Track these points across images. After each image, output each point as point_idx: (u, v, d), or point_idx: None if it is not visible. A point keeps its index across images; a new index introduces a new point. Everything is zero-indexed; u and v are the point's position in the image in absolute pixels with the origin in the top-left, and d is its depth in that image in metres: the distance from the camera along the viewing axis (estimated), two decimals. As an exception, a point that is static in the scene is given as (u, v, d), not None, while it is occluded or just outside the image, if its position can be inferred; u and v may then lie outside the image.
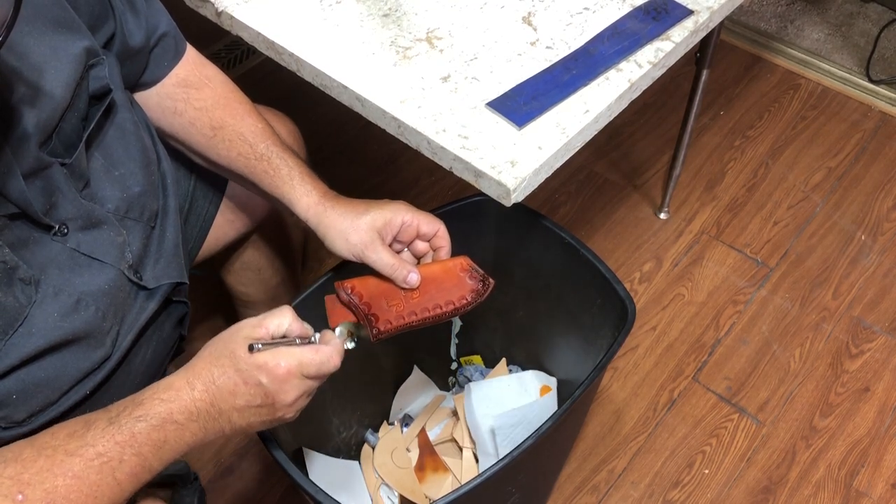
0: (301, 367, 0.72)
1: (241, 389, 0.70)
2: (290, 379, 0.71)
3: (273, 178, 0.91)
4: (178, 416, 0.69)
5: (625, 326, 0.98)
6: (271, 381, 0.70)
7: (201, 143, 0.93)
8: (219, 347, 0.72)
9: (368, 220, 0.87)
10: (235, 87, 0.96)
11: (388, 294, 0.90)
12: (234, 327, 0.74)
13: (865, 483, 1.38)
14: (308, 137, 1.20)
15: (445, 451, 1.28)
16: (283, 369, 0.70)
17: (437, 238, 0.91)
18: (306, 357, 0.72)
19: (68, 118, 0.75)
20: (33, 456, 0.65)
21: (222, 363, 0.71)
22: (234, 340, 0.72)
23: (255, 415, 0.72)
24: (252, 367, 0.70)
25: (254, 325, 0.73)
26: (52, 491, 0.63)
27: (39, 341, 0.72)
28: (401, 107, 0.98)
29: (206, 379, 0.70)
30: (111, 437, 0.66)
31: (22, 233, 0.72)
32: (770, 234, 1.73)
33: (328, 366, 0.74)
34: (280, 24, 1.07)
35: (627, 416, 1.46)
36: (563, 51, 1.04)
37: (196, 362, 0.72)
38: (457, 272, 0.91)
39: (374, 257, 0.87)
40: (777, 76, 2.06)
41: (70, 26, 0.76)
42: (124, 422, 0.67)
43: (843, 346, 1.55)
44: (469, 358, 1.36)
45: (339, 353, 0.76)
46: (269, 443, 0.89)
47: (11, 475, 0.63)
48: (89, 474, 0.65)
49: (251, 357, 0.70)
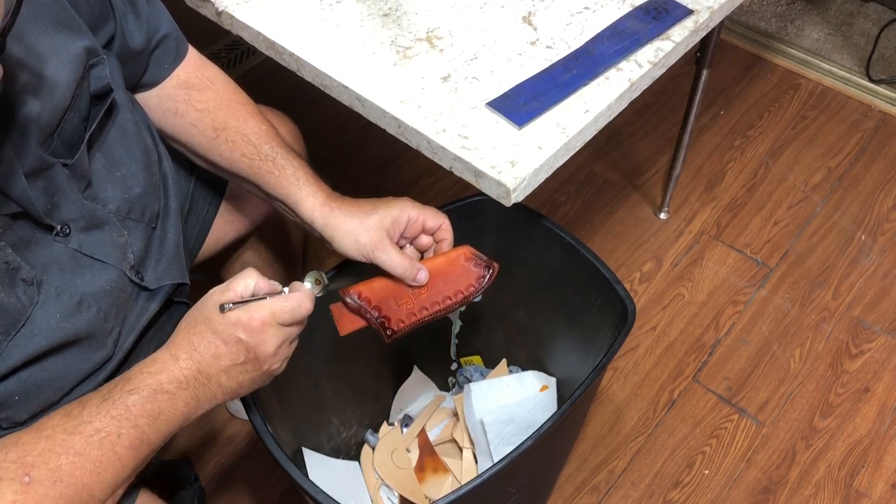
0: (274, 316, 0.74)
1: (222, 350, 0.72)
2: (266, 329, 0.73)
3: (278, 178, 0.90)
4: (168, 385, 0.70)
5: (625, 327, 0.98)
6: (249, 335, 0.72)
7: (203, 144, 0.93)
8: (193, 316, 0.74)
9: (377, 220, 0.87)
10: (238, 88, 0.96)
11: (395, 294, 0.89)
12: (204, 297, 0.76)
13: (865, 483, 1.38)
14: (308, 137, 1.20)
15: (445, 452, 1.28)
16: (258, 321, 0.72)
17: (441, 231, 0.92)
18: (277, 305, 0.74)
19: (70, 118, 0.75)
20: (34, 439, 0.66)
21: (199, 329, 0.73)
22: (205, 307, 0.74)
23: (242, 372, 0.74)
24: (228, 325, 0.72)
25: (222, 291, 0.75)
26: (57, 469, 0.65)
27: (41, 342, 0.72)
28: (401, 107, 0.98)
29: (188, 347, 0.72)
30: (106, 413, 0.68)
31: (24, 233, 0.72)
32: (770, 234, 1.73)
33: (301, 310, 0.76)
34: (280, 23, 1.07)
35: (627, 417, 1.46)
36: (563, 50, 1.04)
37: (175, 336, 0.74)
38: (461, 262, 0.92)
39: (384, 257, 0.86)
40: (777, 76, 2.06)
41: (70, 26, 0.76)
42: (117, 397, 0.69)
43: (843, 346, 1.55)
44: (469, 358, 1.36)
45: (310, 298, 0.78)
46: (270, 443, 0.89)
47: (15, 459, 0.64)
48: (90, 450, 0.66)
49: (224, 317, 0.72)
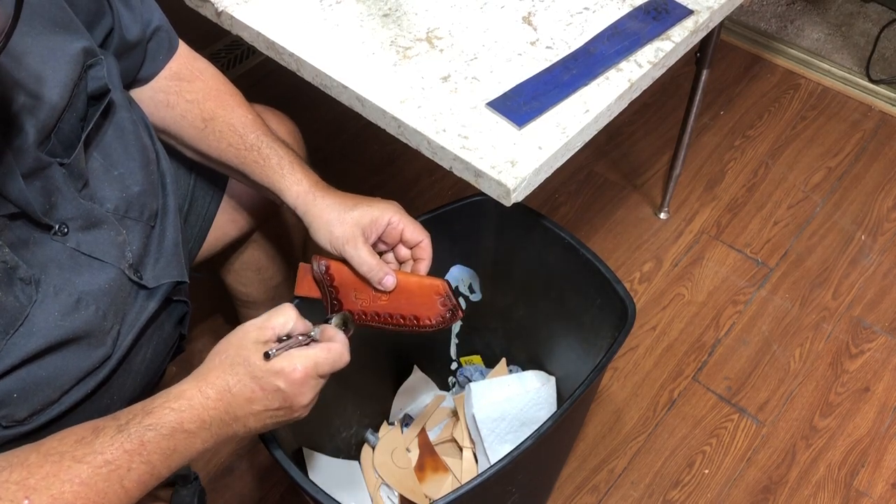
0: (317, 368, 0.72)
1: (258, 395, 0.70)
2: (308, 381, 0.72)
3: (263, 167, 0.90)
4: (189, 424, 0.68)
5: (625, 326, 0.98)
6: (289, 386, 0.71)
7: (192, 135, 0.93)
8: (231, 355, 0.72)
9: (355, 216, 0.87)
10: (226, 80, 0.97)
11: (358, 287, 0.89)
12: (240, 331, 0.74)
13: (865, 483, 1.38)
14: (308, 137, 1.20)
15: (445, 451, 1.28)
16: (301, 372, 0.71)
17: (419, 249, 0.91)
18: (321, 357, 0.73)
19: (67, 118, 0.75)
20: (39, 461, 0.64)
21: (237, 371, 0.70)
22: (245, 346, 0.71)
23: (271, 417, 0.73)
24: (269, 373, 0.70)
25: (260, 327, 0.73)
26: (59, 497, 0.63)
27: (40, 341, 0.72)
28: (401, 107, 0.98)
29: (221, 387, 0.70)
30: (120, 446, 0.66)
31: (22, 233, 0.72)
32: (770, 234, 1.73)
33: (340, 362, 0.75)
34: (280, 24, 1.07)
35: (627, 416, 1.46)
36: (563, 51, 1.04)
37: (208, 371, 0.71)
38: (431, 293, 0.89)
39: (353, 253, 0.86)
40: (777, 76, 2.06)
41: (68, 27, 0.76)
42: (134, 430, 0.66)
43: (843, 346, 1.55)
44: (469, 358, 1.36)
45: (347, 347, 0.76)
46: (269, 443, 0.89)
47: (17, 480, 0.63)
48: (97, 482, 0.64)
49: (267, 364, 0.70)
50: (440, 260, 1.17)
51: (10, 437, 0.73)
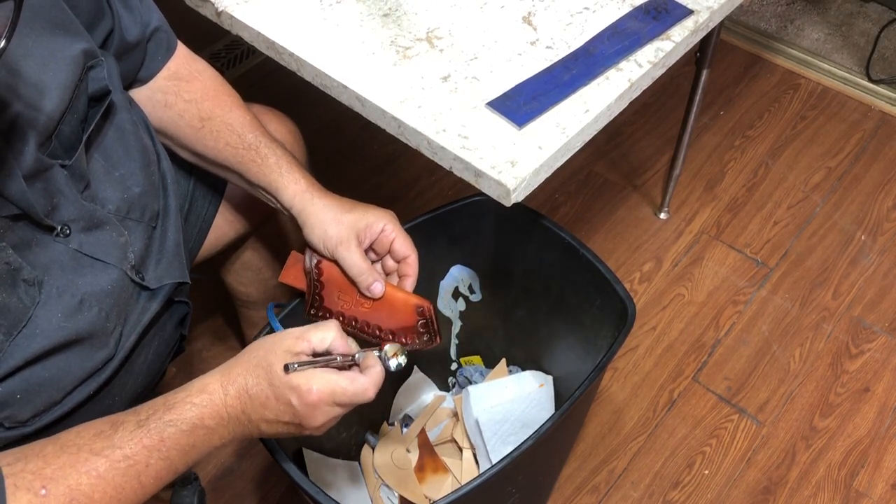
0: (333, 396, 0.71)
1: (271, 404, 0.70)
2: (320, 406, 0.71)
3: (261, 166, 0.91)
4: (209, 420, 0.69)
5: (625, 326, 0.98)
6: (301, 404, 0.70)
7: (189, 135, 0.93)
8: (258, 356, 0.72)
9: (351, 219, 0.87)
10: (224, 80, 0.97)
11: (344, 289, 0.89)
12: (279, 335, 0.73)
13: (865, 483, 1.38)
14: (308, 137, 1.20)
15: (445, 452, 1.28)
16: (315, 395, 0.70)
17: (406, 265, 0.90)
18: (340, 386, 0.71)
19: (67, 120, 0.75)
20: (55, 452, 0.64)
21: (258, 374, 0.70)
22: (273, 352, 0.71)
23: (282, 428, 0.72)
24: (285, 386, 0.70)
25: (297, 337, 0.73)
26: (76, 488, 0.63)
27: (43, 342, 0.72)
28: (401, 107, 0.98)
29: (241, 386, 0.70)
30: (139, 441, 0.66)
31: (25, 234, 0.72)
32: (770, 234, 1.73)
33: (362, 398, 0.73)
34: (280, 23, 1.07)
35: (627, 417, 1.46)
36: (563, 50, 1.04)
37: (234, 366, 0.72)
38: (413, 313, 0.88)
39: (345, 254, 0.87)
40: (777, 76, 2.06)
41: (68, 28, 0.76)
42: (153, 425, 0.66)
43: (843, 346, 1.55)
44: (469, 358, 1.36)
45: (376, 385, 0.74)
46: (269, 443, 0.89)
47: (33, 470, 0.63)
48: (114, 476, 0.64)
49: (285, 376, 0.70)
50: (440, 260, 1.17)
51: (13, 438, 0.73)
